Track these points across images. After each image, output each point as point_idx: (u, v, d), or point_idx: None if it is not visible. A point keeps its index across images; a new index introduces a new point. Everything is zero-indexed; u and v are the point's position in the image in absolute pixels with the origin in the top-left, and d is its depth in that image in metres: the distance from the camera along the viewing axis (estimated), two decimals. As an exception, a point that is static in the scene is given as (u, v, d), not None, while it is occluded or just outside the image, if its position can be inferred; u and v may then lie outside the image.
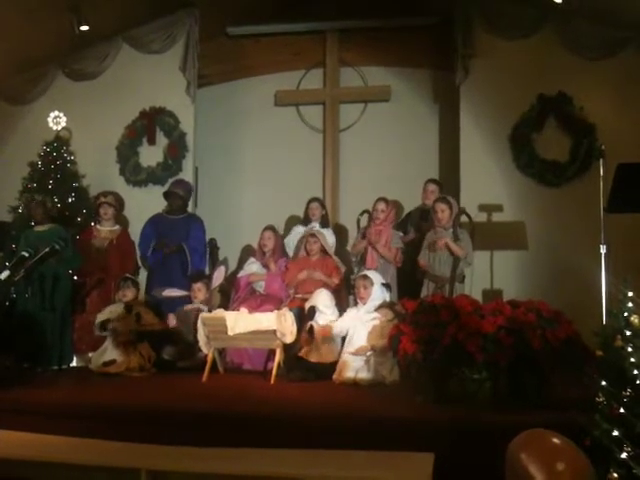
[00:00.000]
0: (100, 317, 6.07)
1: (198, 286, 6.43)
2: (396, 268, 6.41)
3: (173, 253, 6.84)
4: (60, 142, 7.52)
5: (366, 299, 5.58)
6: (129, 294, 6.20)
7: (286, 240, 7.00)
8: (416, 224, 6.74)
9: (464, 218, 6.26)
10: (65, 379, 5.78)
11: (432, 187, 6.79)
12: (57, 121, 7.52)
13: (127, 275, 6.38)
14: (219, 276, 6.67)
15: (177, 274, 6.81)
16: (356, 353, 5.37)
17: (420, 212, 6.81)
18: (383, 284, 5.70)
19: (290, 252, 6.87)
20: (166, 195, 7.18)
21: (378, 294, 5.59)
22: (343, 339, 5.61)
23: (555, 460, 2.80)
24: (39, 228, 6.53)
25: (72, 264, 6.44)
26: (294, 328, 5.60)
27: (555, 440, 2.91)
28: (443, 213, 6.05)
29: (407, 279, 6.38)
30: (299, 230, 7.00)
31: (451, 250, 5.93)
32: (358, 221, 6.76)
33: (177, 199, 7.11)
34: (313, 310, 5.68)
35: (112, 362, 5.84)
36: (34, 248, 5.58)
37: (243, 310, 5.85)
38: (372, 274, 5.75)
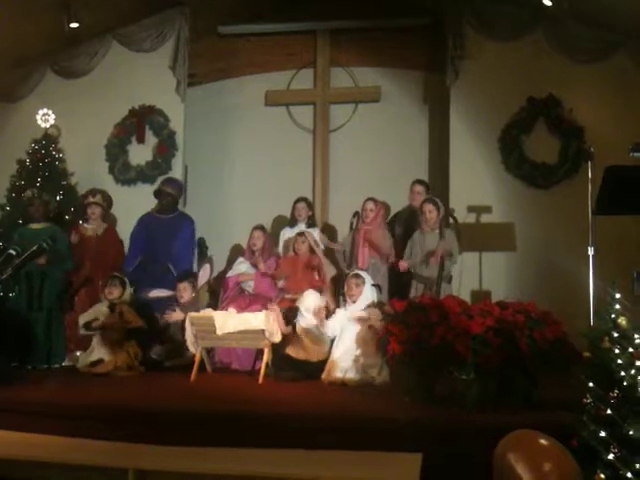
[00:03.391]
0: (84, 317, 6.05)
1: (184, 285, 6.40)
2: (387, 268, 6.42)
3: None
4: (49, 140, 7.47)
5: (357, 297, 5.59)
6: (115, 292, 6.16)
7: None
8: (404, 225, 6.75)
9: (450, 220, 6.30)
10: (53, 378, 5.75)
11: (419, 188, 6.81)
12: (46, 118, 7.47)
13: (115, 273, 6.36)
14: (204, 274, 6.65)
15: (162, 275, 6.79)
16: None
17: (408, 213, 6.82)
18: (373, 285, 5.71)
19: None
20: (156, 194, 7.15)
21: (368, 294, 5.61)
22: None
23: (542, 460, 2.81)
24: (35, 226, 6.51)
25: (66, 264, 6.43)
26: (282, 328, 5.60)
27: (542, 441, 2.92)
28: (431, 214, 6.12)
29: (397, 279, 6.39)
30: (288, 234, 7.02)
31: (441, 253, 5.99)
32: (351, 224, 6.75)
33: (167, 197, 7.08)
34: (295, 310, 5.74)
35: (99, 361, 5.81)
36: (27, 245, 5.55)
37: (231, 310, 5.84)
38: (364, 273, 5.78)
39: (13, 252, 5.41)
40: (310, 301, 5.74)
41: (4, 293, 6.11)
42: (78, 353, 6.13)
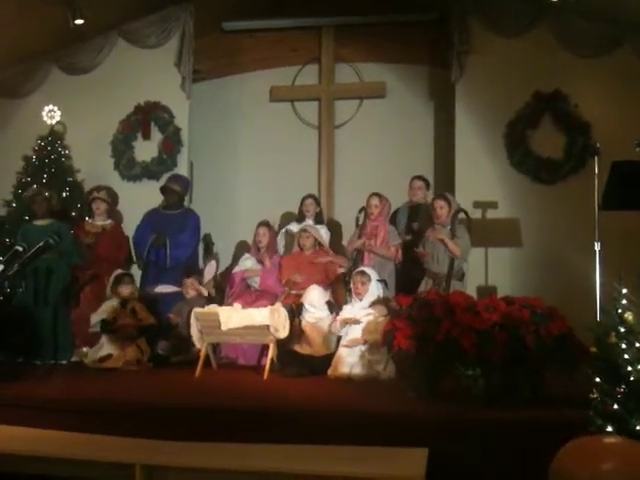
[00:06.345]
0: (98, 315, 6.06)
1: (190, 281, 6.42)
2: (394, 265, 6.42)
3: (160, 246, 6.82)
4: (54, 136, 7.48)
5: (363, 295, 5.60)
6: (126, 290, 6.19)
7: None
8: (405, 223, 6.73)
9: (462, 215, 6.28)
10: (60, 373, 5.76)
11: (419, 183, 6.81)
12: (51, 115, 7.47)
13: (126, 271, 6.39)
14: (210, 270, 6.66)
15: (169, 269, 6.80)
16: (349, 345, 5.39)
17: (409, 209, 6.81)
18: (379, 280, 5.72)
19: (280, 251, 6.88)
20: (162, 190, 7.16)
21: (374, 290, 5.61)
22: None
23: (601, 462, 2.69)
24: (40, 222, 6.52)
25: (72, 259, 6.44)
26: (287, 323, 5.60)
27: (602, 442, 2.83)
28: (442, 210, 6.11)
29: (404, 275, 6.39)
30: (290, 229, 7.02)
31: (447, 247, 5.96)
32: (357, 219, 6.73)
33: (173, 194, 7.08)
34: (300, 306, 5.75)
35: (108, 357, 5.84)
36: (32, 242, 5.56)
37: (236, 305, 5.85)
38: (370, 270, 5.78)
39: (20, 248, 5.43)
40: (312, 296, 5.76)
41: (11, 289, 6.13)
42: (85, 349, 6.15)
